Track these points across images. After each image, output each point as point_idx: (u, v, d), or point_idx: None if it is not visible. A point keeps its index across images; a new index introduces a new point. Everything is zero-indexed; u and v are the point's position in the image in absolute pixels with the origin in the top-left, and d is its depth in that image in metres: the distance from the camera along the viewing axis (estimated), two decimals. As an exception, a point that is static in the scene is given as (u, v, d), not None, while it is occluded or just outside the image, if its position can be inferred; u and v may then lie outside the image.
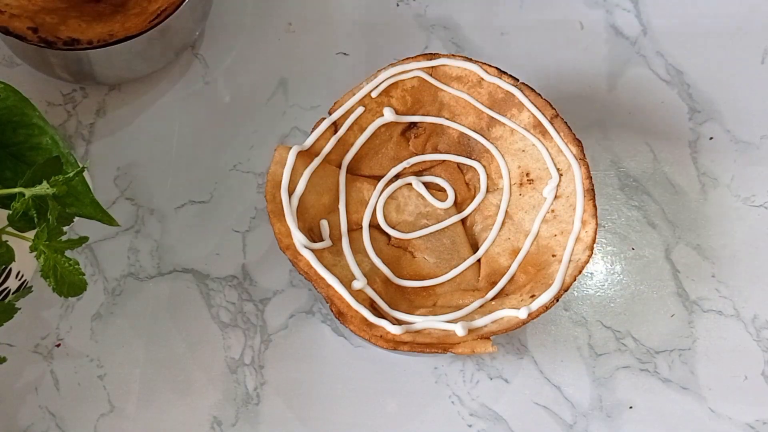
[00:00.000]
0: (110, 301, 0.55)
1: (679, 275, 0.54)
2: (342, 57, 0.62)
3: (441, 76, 0.53)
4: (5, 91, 0.46)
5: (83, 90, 0.61)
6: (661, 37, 0.61)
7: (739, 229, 0.56)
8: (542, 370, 0.52)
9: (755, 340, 0.53)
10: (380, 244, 0.52)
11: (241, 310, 0.54)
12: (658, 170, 0.57)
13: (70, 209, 0.45)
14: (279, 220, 0.49)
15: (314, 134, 0.52)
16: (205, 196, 0.58)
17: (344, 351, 0.53)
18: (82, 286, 0.43)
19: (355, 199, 0.53)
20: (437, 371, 0.52)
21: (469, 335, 0.46)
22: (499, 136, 0.53)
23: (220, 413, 0.52)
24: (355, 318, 0.47)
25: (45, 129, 0.46)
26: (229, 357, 0.53)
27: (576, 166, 0.50)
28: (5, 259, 0.43)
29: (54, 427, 0.52)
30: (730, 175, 0.57)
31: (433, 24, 0.63)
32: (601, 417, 0.51)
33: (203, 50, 0.62)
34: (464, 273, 0.51)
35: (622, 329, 0.53)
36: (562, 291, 0.47)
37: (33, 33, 0.53)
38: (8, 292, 0.49)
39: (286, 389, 0.52)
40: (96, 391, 0.53)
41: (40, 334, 0.54)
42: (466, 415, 0.51)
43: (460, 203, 0.54)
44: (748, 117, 0.59)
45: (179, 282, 0.55)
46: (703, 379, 0.52)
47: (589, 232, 0.48)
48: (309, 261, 0.47)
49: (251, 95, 0.61)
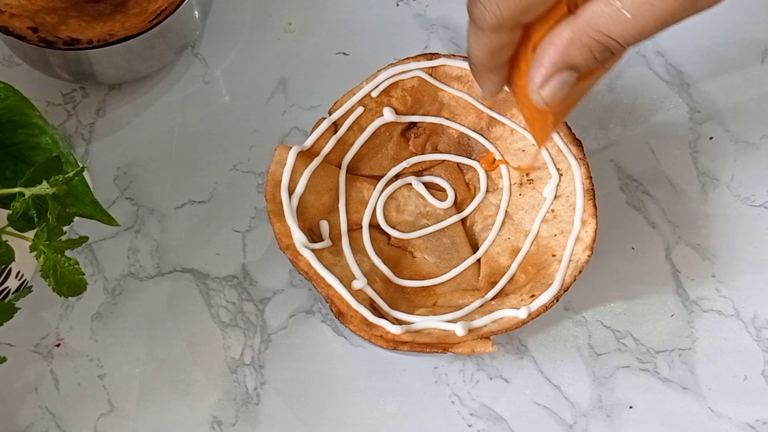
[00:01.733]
0: (110, 301, 0.55)
1: (679, 275, 0.54)
2: (342, 57, 0.62)
3: (441, 76, 0.53)
4: (5, 91, 0.46)
5: (83, 90, 0.61)
6: (661, 37, 0.61)
7: (739, 229, 0.56)
8: (542, 370, 0.52)
9: (755, 340, 0.53)
10: (380, 244, 0.52)
11: (241, 310, 0.54)
12: (658, 170, 0.57)
13: (70, 209, 0.45)
14: (279, 220, 0.49)
15: (314, 134, 0.52)
16: (205, 196, 0.58)
17: (344, 351, 0.53)
18: (82, 285, 0.43)
19: (355, 199, 0.53)
20: (437, 371, 0.52)
21: (469, 335, 0.46)
22: (499, 136, 0.53)
23: (220, 413, 0.52)
24: (355, 318, 0.47)
25: (45, 129, 0.46)
26: (229, 357, 0.53)
27: (576, 166, 0.50)
28: (5, 259, 0.43)
29: (54, 427, 0.52)
30: (730, 175, 0.57)
31: (433, 24, 0.63)
32: (601, 417, 0.51)
33: (203, 50, 0.62)
34: (464, 273, 0.52)
35: (622, 329, 0.53)
36: (562, 291, 0.47)
37: (33, 33, 0.53)
38: (8, 292, 0.49)
39: (286, 389, 0.52)
40: (96, 391, 0.53)
41: (40, 334, 0.54)
42: (466, 415, 0.51)
43: (460, 203, 0.54)
44: (748, 117, 0.59)
45: (179, 282, 0.55)
46: (703, 379, 0.52)
47: (589, 232, 0.48)
48: (309, 261, 0.47)
49: (251, 95, 0.61)
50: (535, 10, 0.33)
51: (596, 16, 0.32)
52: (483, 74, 0.38)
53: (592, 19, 0.33)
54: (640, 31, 0.32)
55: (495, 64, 0.37)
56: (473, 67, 0.38)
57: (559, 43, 0.34)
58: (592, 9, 0.33)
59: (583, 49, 0.34)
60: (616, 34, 0.32)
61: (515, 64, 0.38)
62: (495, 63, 0.37)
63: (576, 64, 0.34)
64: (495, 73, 0.38)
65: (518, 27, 0.35)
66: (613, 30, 0.32)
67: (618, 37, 0.33)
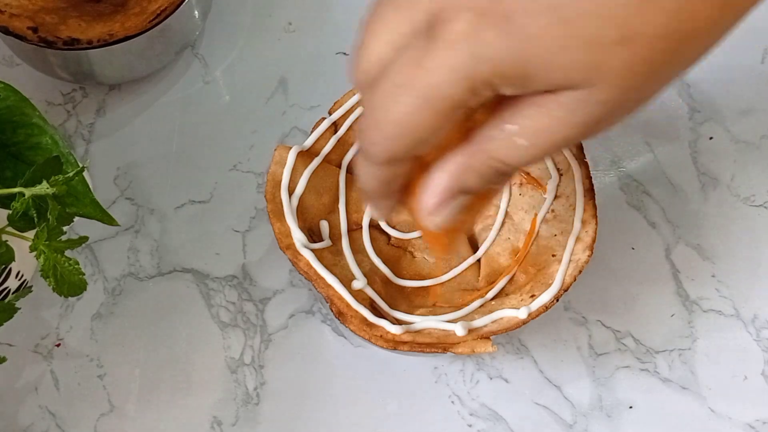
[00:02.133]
0: (110, 301, 0.55)
1: (679, 275, 0.54)
2: (342, 57, 0.62)
3: (441, 76, 0.53)
4: (5, 91, 0.46)
5: (83, 90, 0.61)
6: (661, 37, 0.61)
7: (739, 229, 0.56)
8: (542, 370, 0.52)
9: (755, 340, 0.53)
10: (380, 244, 0.52)
11: (241, 310, 0.54)
12: (658, 170, 0.57)
13: (70, 209, 0.45)
14: (279, 220, 0.49)
15: (314, 134, 0.52)
16: (205, 196, 0.58)
17: (344, 351, 0.53)
18: (82, 285, 0.43)
19: (355, 199, 0.53)
20: (437, 371, 0.52)
21: (469, 335, 0.46)
22: (499, 136, 0.53)
23: (220, 413, 0.52)
24: (355, 318, 0.47)
25: (45, 129, 0.46)
26: (229, 357, 0.53)
27: (576, 165, 0.50)
28: (5, 259, 0.43)
29: (54, 427, 0.52)
30: (730, 175, 0.57)
31: (433, 24, 0.62)
32: (601, 417, 0.51)
33: (203, 50, 0.62)
34: (464, 273, 0.52)
35: (622, 329, 0.53)
36: (562, 291, 0.47)
37: (33, 33, 0.53)
38: (8, 292, 0.49)
39: (286, 389, 0.52)
40: (96, 391, 0.53)
41: (40, 334, 0.54)
42: (466, 415, 0.51)
43: (460, 203, 0.54)
44: (748, 117, 0.59)
45: (179, 282, 0.55)
46: (703, 379, 0.52)
47: (589, 232, 0.48)
48: (309, 261, 0.47)
49: (251, 95, 0.61)
50: (429, 142, 0.31)
51: (490, 141, 0.31)
52: (376, 201, 0.37)
53: (485, 145, 0.31)
54: (536, 156, 0.31)
55: (387, 191, 0.35)
56: (365, 195, 0.36)
57: (452, 169, 0.33)
58: (487, 134, 0.31)
59: (476, 175, 0.32)
60: (510, 160, 0.31)
61: (408, 187, 0.36)
62: (387, 190, 0.35)
63: (469, 189, 0.33)
64: (388, 198, 0.36)
65: (411, 158, 0.33)
66: (508, 157, 0.31)
67: (513, 162, 0.31)
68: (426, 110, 0.29)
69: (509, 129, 0.30)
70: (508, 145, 0.31)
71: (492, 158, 0.31)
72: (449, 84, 0.29)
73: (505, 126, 0.30)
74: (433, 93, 0.29)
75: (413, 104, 0.30)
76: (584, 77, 0.28)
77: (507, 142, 0.31)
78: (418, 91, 0.29)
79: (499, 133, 0.31)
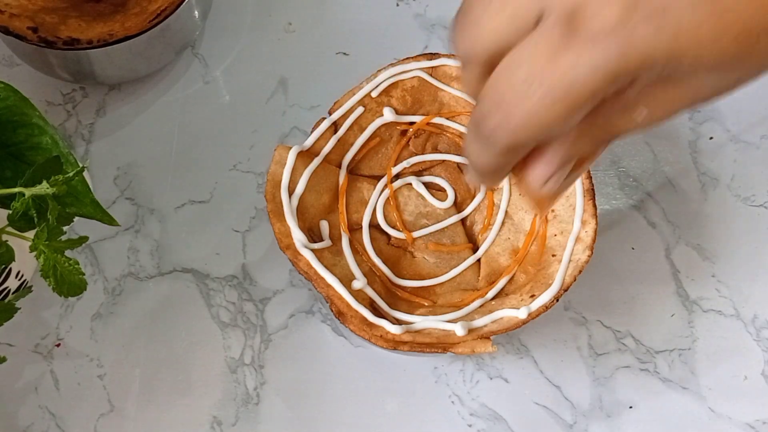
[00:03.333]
0: (110, 301, 0.55)
1: (679, 275, 0.54)
2: (342, 57, 0.62)
3: (441, 76, 0.53)
4: (5, 91, 0.46)
5: (83, 90, 0.61)
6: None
7: (739, 229, 0.56)
8: (542, 370, 0.52)
9: (755, 340, 0.53)
10: (380, 244, 0.52)
11: (241, 310, 0.54)
12: (658, 170, 0.57)
13: (70, 209, 0.45)
14: (279, 220, 0.49)
15: (314, 134, 0.52)
16: (205, 196, 0.58)
17: (344, 351, 0.53)
18: (82, 285, 0.43)
19: (355, 199, 0.53)
20: (437, 371, 0.52)
21: (469, 335, 0.46)
22: (499, 136, 0.53)
23: (220, 413, 0.52)
24: (355, 318, 0.47)
25: (45, 129, 0.46)
26: (229, 357, 0.53)
27: (576, 166, 0.50)
28: (5, 259, 0.43)
29: (54, 427, 0.52)
30: (730, 175, 0.57)
31: (433, 24, 0.63)
32: (601, 417, 0.51)
33: (203, 50, 0.62)
34: (464, 273, 0.52)
35: (622, 329, 0.53)
36: (562, 291, 0.47)
37: (33, 33, 0.53)
38: (8, 292, 0.49)
39: (286, 389, 0.52)
40: (96, 391, 0.53)
41: (40, 334, 0.54)
42: (466, 415, 0.51)
43: (460, 203, 0.54)
44: (748, 117, 0.59)
45: (179, 282, 0.55)
46: (703, 379, 0.52)
47: (589, 232, 0.48)
48: (309, 261, 0.47)
49: (251, 95, 0.61)
50: (559, 132, 0.31)
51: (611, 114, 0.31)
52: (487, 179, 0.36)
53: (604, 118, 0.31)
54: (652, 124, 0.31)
55: (503, 172, 0.35)
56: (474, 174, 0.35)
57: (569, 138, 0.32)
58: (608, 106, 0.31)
59: (591, 142, 0.32)
60: (629, 127, 0.31)
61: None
62: (503, 171, 0.35)
63: (580, 155, 0.33)
64: (501, 176, 0.36)
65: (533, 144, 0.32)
66: (628, 124, 0.31)
67: (630, 130, 0.31)
68: (561, 105, 0.29)
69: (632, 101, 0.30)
70: (628, 116, 0.31)
71: (612, 125, 0.31)
72: (590, 80, 0.28)
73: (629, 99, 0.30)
74: (571, 90, 0.28)
75: (547, 100, 0.29)
76: (729, 65, 0.29)
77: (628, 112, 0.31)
78: (554, 87, 0.28)
79: (622, 106, 0.30)
